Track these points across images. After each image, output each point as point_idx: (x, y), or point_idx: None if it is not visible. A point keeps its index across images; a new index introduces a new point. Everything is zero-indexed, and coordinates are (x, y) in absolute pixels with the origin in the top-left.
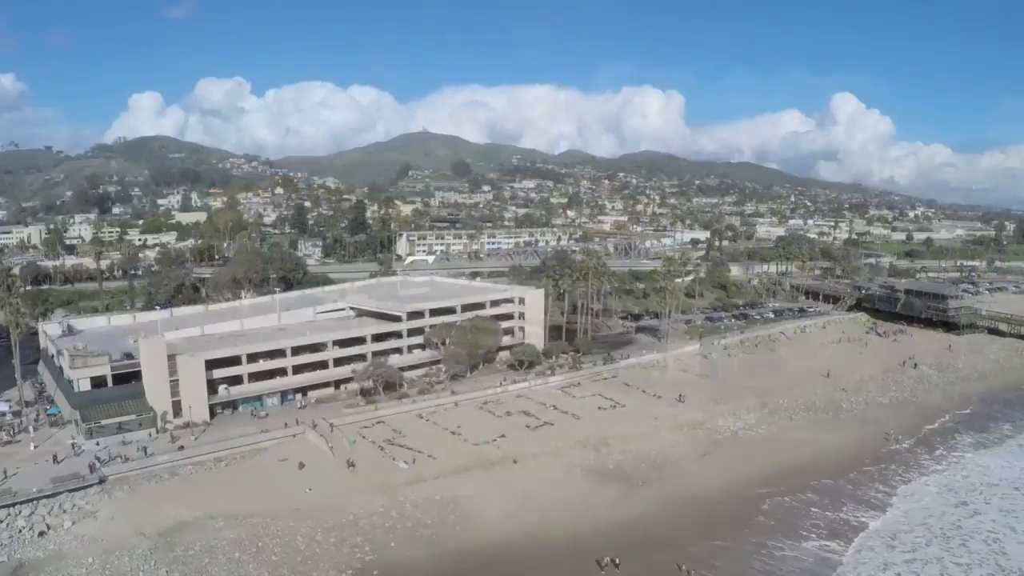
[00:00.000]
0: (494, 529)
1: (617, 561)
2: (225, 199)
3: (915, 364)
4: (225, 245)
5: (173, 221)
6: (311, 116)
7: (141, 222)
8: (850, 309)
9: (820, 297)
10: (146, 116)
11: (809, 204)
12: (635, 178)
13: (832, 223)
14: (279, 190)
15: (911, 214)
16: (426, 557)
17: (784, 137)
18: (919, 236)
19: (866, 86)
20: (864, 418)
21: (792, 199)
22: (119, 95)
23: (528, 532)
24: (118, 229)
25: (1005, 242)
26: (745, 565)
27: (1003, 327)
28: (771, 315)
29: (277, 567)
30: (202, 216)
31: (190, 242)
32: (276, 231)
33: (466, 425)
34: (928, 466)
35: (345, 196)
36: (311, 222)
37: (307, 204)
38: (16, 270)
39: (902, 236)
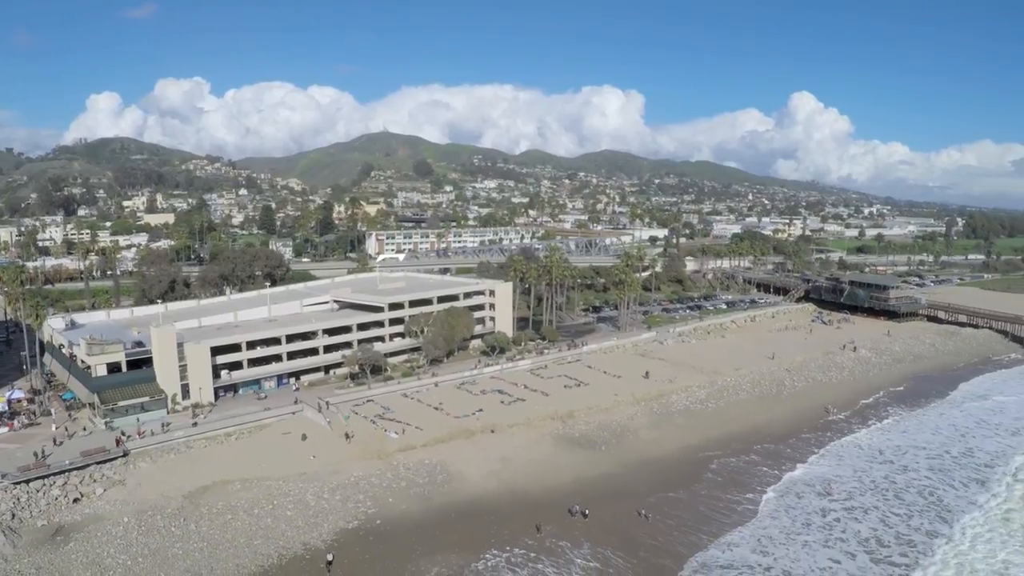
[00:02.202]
0: (477, 485)
1: (586, 512)
2: (192, 201)
3: (855, 348)
4: (197, 245)
5: (141, 222)
6: (271, 116)
7: (109, 224)
8: (799, 300)
9: (771, 289)
10: (105, 117)
11: (767, 202)
12: (595, 177)
13: (787, 220)
14: (243, 191)
15: (866, 211)
16: (420, 509)
17: (743, 136)
18: (871, 233)
19: (824, 85)
20: (805, 394)
21: (750, 197)
22: (77, 96)
23: (507, 488)
24: (89, 231)
25: (955, 237)
26: (693, 510)
27: (942, 315)
28: (724, 306)
29: (292, 520)
30: (170, 217)
31: (164, 243)
32: (244, 232)
33: (447, 402)
34: (861, 433)
35: (309, 197)
36: (278, 223)
37: (272, 205)
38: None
39: (855, 233)
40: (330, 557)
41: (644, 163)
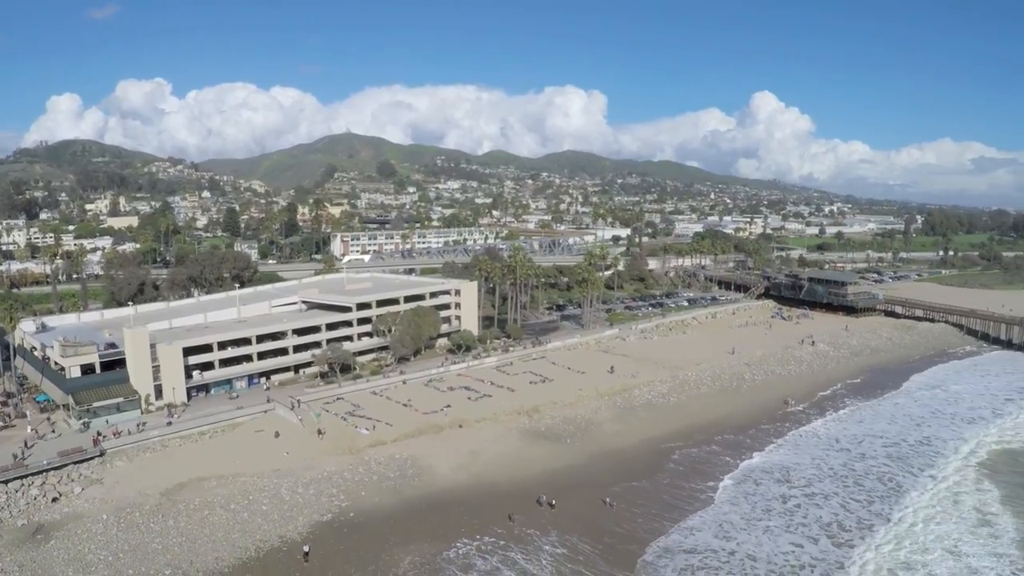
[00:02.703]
0: (447, 478)
1: (553, 502)
2: (156, 204)
3: (813, 342)
4: (163, 248)
5: (105, 226)
6: (233, 118)
7: (73, 227)
8: (759, 297)
9: (732, 287)
10: (65, 119)
11: (728, 201)
12: (558, 177)
13: (748, 219)
14: (206, 194)
15: (827, 209)
16: (392, 501)
17: (705, 136)
18: (831, 231)
19: (786, 84)
20: (764, 387)
21: (712, 196)
22: (37, 97)
23: (475, 480)
24: (52, 235)
25: (914, 234)
26: (657, 499)
27: (899, 309)
28: (685, 303)
29: (268, 514)
30: (133, 221)
31: (129, 246)
32: (209, 235)
33: (415, 398)
34: (818, 423)
35: (273, 199)
36: (243, 225)
37: (236, 207)
38: None
39: (816, 231)
40: (306, 548)
41: (607, 163)
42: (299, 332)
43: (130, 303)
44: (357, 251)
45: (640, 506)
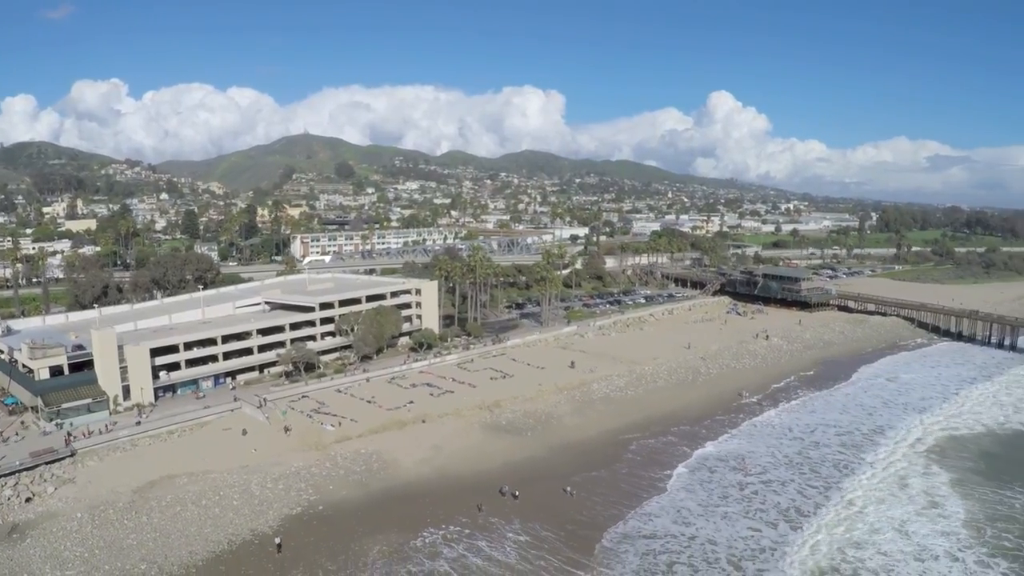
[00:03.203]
0: (411, 471)
1: (516, 493)
2: (114, 206)
3: (767, 336)
4: (123, 251)
5: (63, 229)
6: (190, 119)
7: (30, 231)
8: (715, 293)
9: (688, 284)
10: (20, 120)
11: (686, 200)
12: (516, 177)
13: (705, 218)
14: (164, 196)
15: (784, 207)
16: (359, 494)
17: (663, 135)
18: (787, 228)
19: (743, 84)
20: (719, 380)
21: (670, 195)
22: None
23: (439, 473)
24: (10, 238)
25: (869, 231)
26: (615, 487)
27: (851, 304)
28: (643, 300)
29: (239, 509)
30: (91, 223)
31: (88, 249)
32: (168, 237)
33: (379, 395)
34: (772, 413)
35: (231, 201)
36: (202, 227)
37: (195, 209)
38: None
39: (772, 228)
40: (278, 540)
41: (565, 163)
42: (263, 332)
43: (95, 305)
44: (317, 252)
45: (600, 494)
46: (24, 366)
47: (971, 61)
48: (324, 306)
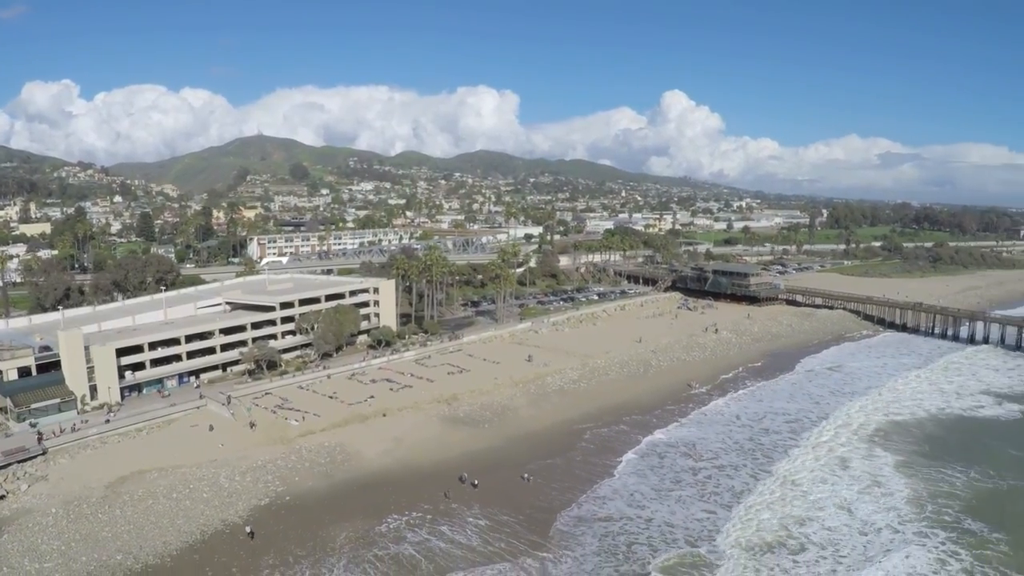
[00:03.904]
0: (374, 462)
1: (475, 482)
2: (68, 210)
3: (716, 330)
4: (79, 254)
5: (17, 232)
6: (143, 120)
7: None
8: (666, 290)
9: (641, 280)
10: None
11: (639, 199)
12: (471, 177)
13: (658, 216)
14: (118, 198)
15: (736, 205)
16: (324, 485)
17: (617, 134)
18: (739, 225)
19: (696, 83)
20: (670, 372)
21: (623, 194)
22: None
23: (401, 463)
24: None
25: (819, 228)
26: (570, 473)
27: (799, 298)
28: (595, 297)
29: (209, 500)
30: (46, 227)
31: (44, 252)
32: (123, 240)
33: (340, 391)
34: (721, 402)
35: (186, 203)
36: (157, 230)
37: (149, 212)
38: None
39: (724, 226)
40: (248, 529)
41: (519, 162)
42: (225, 331)
43: (59, 307)
44: (274, 254)
45: (556, 481)
46: None
47: (921, 59)
48: (284, 305)
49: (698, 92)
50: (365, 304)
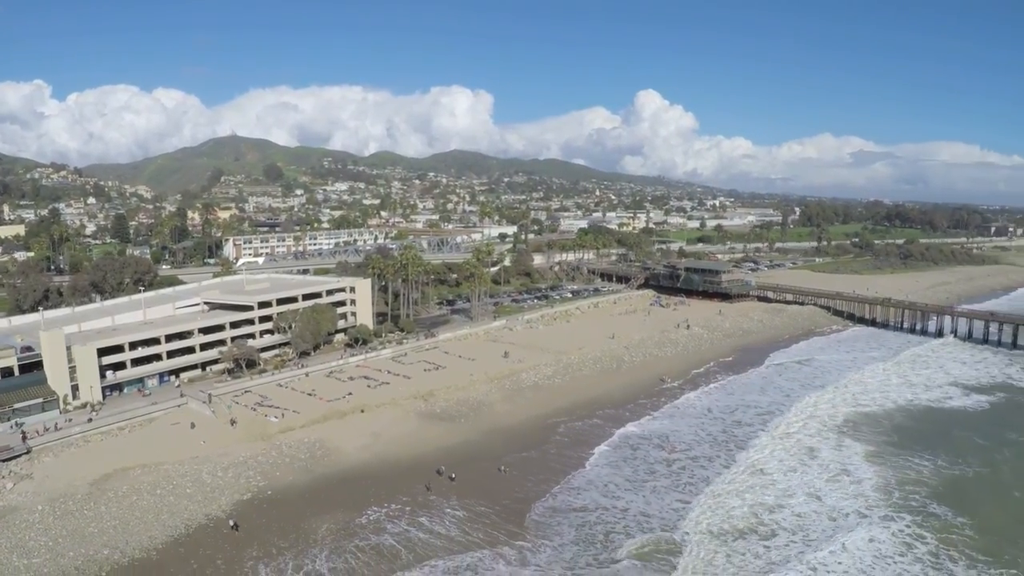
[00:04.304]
0: (353, 457)
1: (453, 475)
2: (42, 211)
3: (688, 326)
4: (55, 256)
5: None
6: (115, 121)
7: None
8: (639, 287)
9: (614, 278)
10: None
11: (613, 198)
12: (445, 177)
13: (632, 215)
14: (92, 200)
15: (709, 204)
16: (305, 479)
17: (590, 134)
18: (712, 224)
19: (669, 83)
20: (642, 367)
21: (597, 193)
22: None
23: (379, 458)
24: None
25: (792, 226)
26: (545, 466)
27: (770, 295)
28: (569, 295)
29: (192, 496)
30: (19, 229)
31: (19, 254)
32: (98, 241)
33: (319, 388)
34: (692, 395)
35: (160, 204)
36: (132, 231)
37: (124, 213)
38: None
39: (697, 224)
40: (232, 522)
41: (494, 162)
42: (204, 331)
43: (40, 308)
44: (250, 254)
45: (532, 473)
46: None
47: (893, 58)
48: (262, 305)
49: (672, 92)
50: (342, 303)
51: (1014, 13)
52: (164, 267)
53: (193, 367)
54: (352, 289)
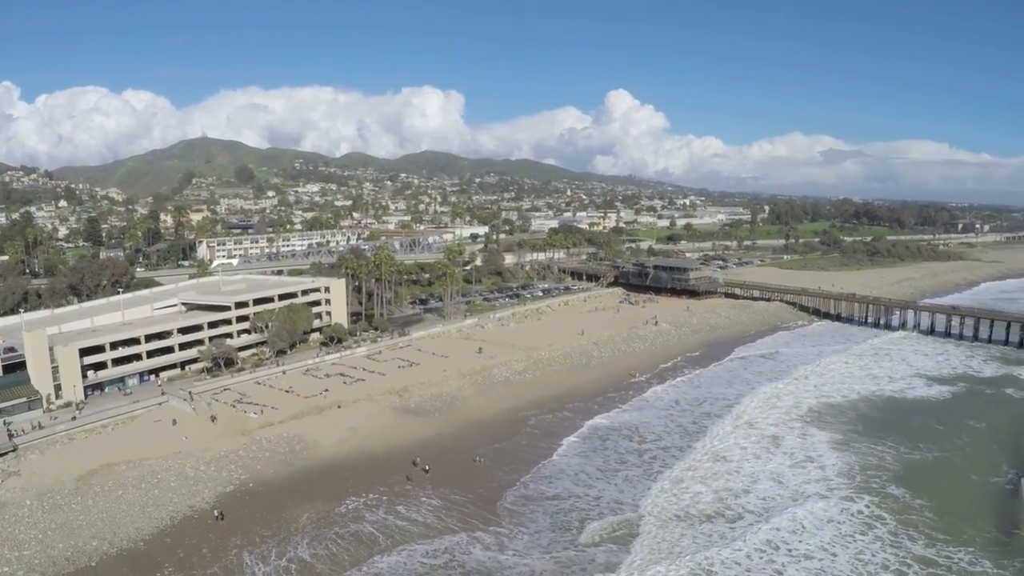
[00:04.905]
0: (331, 450)
1: (427, 468)
2: (14, 215)
3: (656, 322)
4: (27, 259)
5: None
6: (85, 123)
7: None
8: (609, 285)
9: (584, 277)
10: None
11: (584, 197)
12: (417, 178)
13: (602, 214)
14: (63, 203)
15: (680, 203)
16: (285, 472)
17: (562, 134)
18: (682, 222)
19: (640, 83)
20: (611, 362)
21: (568, 193)
22: None
23: (356, 451)
24: None
25: (761, 224)
26: (517, 457)
27: (738, 291)
28: (540, 293)
29: (176, 489)
30: None
31: None
32: (71, 244)
33: (296, 385)
34: (660, 388)
35: (132, 207)
36: (104, 234)
37: (96, 216)
38: None
39: (667, 223)
40: (216, 513)
41: (465, 163)
42: (183, 331)
43: (20, 310)
44: (223, 256)
45: (504, 463)
46: None
47: (863, 57)
48: (239, 305)
49: (643, 91)
50: (317, 303)
51: (982, 12)
52: (139, 270)
53: (172, 366)
54: (327, 289)
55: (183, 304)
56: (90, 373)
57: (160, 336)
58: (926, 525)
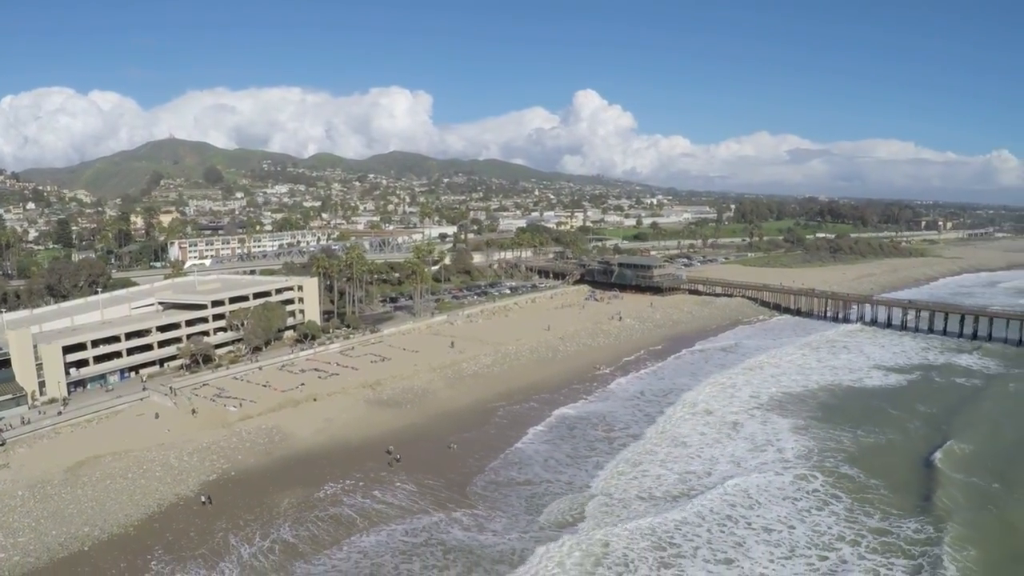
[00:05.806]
0: (308, 440)
1: (398, 457)
2: None
3: (620, 318)
4: (3, 262)
5: None
6: (51, 124)
7: None
8: (575, 283)
9: (551, 275)
10: None
11: (552, 197)
12: (385, 179)
13: (570, 213)
14: (31, 205)
15: (647, 202)
16: (265, 461)
17: (530, 134)
18: (648, 221)
19: (608, 83)
20: (576, 356)
21: (536, 193)
22: None
23: (333, 440)
24: None
25: (726, 222)
26: (487, 445)
27: (701, 288)
28: (508, 291)
29: (162, 478)
30: None
31: None
32: (41, 247)
33: (273, 380)
34: (624, 380)
35: (100, 208)
36: (74, 236)
37: (66, 218)
38: None
39: (634, 222)
40: (203, 499)
41: (433, 163)
42: (162, 329)
43: (1, 310)
44: (196, 257)
45: (475, 451)
46: None
47: (829, 57)
48: (216, 304)
49: (610, 91)
50: (290, 301)
51: (950, 11)
52: (112, 271)
53: (152, 363)
54: (300, 288)
55: (160, 303)
56: (72, 370)
57: (139, 334)
58: (882, 502)
